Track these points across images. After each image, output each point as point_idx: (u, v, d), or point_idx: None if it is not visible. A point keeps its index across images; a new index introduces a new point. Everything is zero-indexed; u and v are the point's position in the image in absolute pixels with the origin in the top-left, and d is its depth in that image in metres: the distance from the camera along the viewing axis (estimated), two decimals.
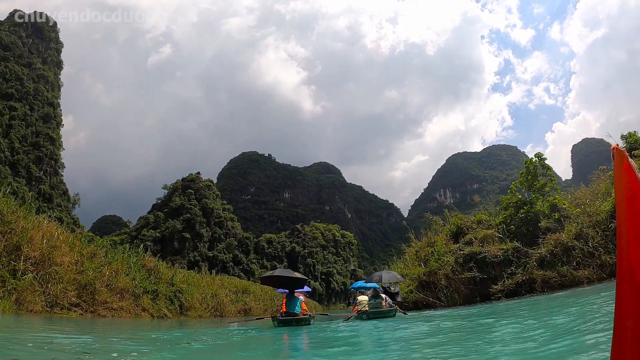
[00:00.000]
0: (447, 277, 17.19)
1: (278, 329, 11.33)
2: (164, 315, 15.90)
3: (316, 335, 9.43)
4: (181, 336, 8.67)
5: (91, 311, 12.40)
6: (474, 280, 16.45)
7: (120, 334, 8.34)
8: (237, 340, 8.44)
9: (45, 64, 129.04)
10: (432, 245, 20.61)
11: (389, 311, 13.46)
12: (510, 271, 15.65)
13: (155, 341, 7.20)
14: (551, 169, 18.50)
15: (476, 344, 5.42)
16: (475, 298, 16.22)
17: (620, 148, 1.36)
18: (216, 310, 21.57)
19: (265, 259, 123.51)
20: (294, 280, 13.33)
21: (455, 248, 18.04)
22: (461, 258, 17.23)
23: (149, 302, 15.55)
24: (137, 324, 12.58)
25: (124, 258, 16.70)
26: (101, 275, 13.60)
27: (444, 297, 17.12)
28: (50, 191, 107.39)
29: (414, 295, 18.71)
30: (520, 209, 17.81)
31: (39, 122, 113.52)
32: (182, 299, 18.21)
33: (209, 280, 26.74)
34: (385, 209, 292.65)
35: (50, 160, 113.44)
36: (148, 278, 17.02)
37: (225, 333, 10.20)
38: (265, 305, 30.58)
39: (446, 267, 17.41)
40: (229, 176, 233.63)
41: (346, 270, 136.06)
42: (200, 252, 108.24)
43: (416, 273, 19.48)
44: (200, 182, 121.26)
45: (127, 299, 14.17)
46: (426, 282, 18.36)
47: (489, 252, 16.47)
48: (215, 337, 8.78)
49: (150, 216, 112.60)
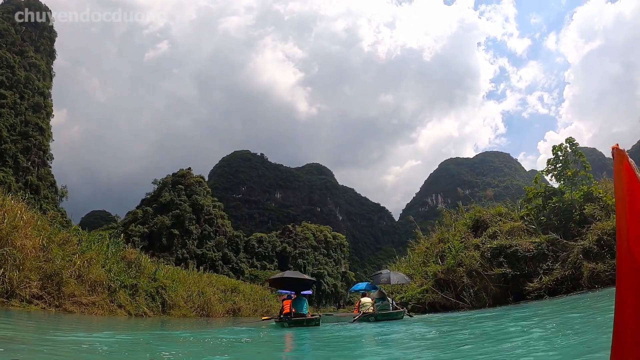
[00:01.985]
0: (472, 274, 15.43)
1: (299, 329, 11.35)
2: (143, 313, 14.17)
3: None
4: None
5: (56, 305, 10.67)
6: (504, 278, 14.67)
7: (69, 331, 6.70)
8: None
9: (38, 52, 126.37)
10: (445, 241, 19.09)
11: (397, 313, 13.17)
12: (546, 266, 13.96)
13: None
14: (584, 156, 16.81)
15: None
16: (508, 298, 14.45)
17: (620, 148, 1.38)
18: (202, 310, 19.81)
19: (255, 259, 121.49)
20: (303, 281, 13.48)
21: (478, 242, 16.43)
22: (488, 252, 15.45)
23: (126, 297, 13.82)
24: (108, 322, 10.82)
25: (101, 248, 14.98)
26: (71, 264, 11.85)
27: (468, 297, 15.34)
28: (38, 182, 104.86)
29: (430, 295, 16.90)
30: (549, 200, 16.24)
31: (29, 111, 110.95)
32: (165, 296, 16.47)
33: (196, 278, 25.10)
34: (376, 212, 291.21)
35: (38, 150, 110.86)
36: (127, 271, 15.29)
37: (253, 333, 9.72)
38: (255, 305, 28.96)
39: (471, 262, 15.59)
40: (221, 174, 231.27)
41: (337, 272, 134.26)
42: (189, 249, 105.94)
43: (432, 270, 17.57)
44: (190, 178, 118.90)
45: (101, 294, 12.43)
46: (444, 281, 16.53)
47: (520, 246, 14.77)
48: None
49: (138, 211, 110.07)
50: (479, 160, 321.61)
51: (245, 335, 8.99)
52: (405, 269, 22.37)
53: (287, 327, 11.94)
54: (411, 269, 21.78)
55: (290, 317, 12.23)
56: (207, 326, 14.26)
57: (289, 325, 11.94)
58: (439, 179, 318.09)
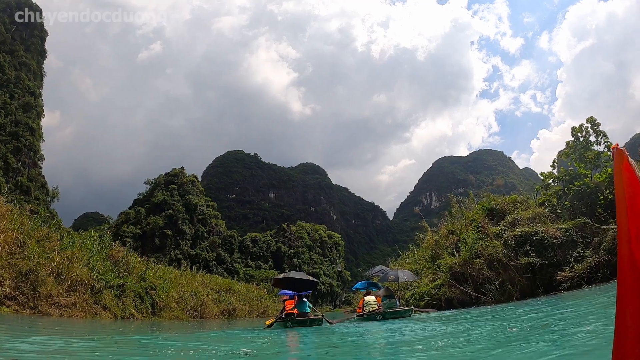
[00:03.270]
0: (493, 266, 14.33)
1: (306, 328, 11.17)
2: (130, 315, 13.07)
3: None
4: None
5: (30, 307, 9.58)
6: (532, 268, 13.56)
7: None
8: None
9: (29, 52, 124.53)
10: (457, 232, 18.14)
11: (406, 311, 13.00)
12: (576, 254, 12.94)
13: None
14: (607, 136, 15.80)
15: None
16: (537, 289, 13.35)
17: (620, 147, 1.39)
18: (196, 311, 18.72)
19: (250, 259, 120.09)
20: (307, 282, 13.57)
21: (497, 231, 15.42)
22: (512, 241, 14.32)
23: (112, 298, 12.72)
24: (86, 325, 9.73)
25: (85, 245, 13.88)
26: (49, 262, 10.75)
27: (490, 290, 14.24)
28: (28, 183, 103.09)
29: (446, 290, 15.79)
30: (570, 184, 15.32)
31: (19, 111, 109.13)
32: (155, 297, 15.37)
33: (189, 278, 24.02)
34: (370, 212, 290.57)
35: (29, 151, 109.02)
36: (114, 270, 14.19)
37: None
38: (251, 306, 27.92)
39: (494, 252, 14.47)
40: (214, 174, 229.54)
41: (333, 272, 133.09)
42: (182, 250, 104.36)
43: (447, 263, 16.41)
44: (183, 178, 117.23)
45: (83, 294, 11.34)
46: (462, 274, 15.41)
47: (547, 233, 13.72)
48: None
49: (131, 211, 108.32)
50: (473, 158, 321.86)
51: (243, 342, 7.86)
52: (409, 265, 21.44)
53: (291, 326, 11.92)
54: (417, 264, 20.83)
55: (293, 317, 12.28)
56: (199, 329, 13.21)
57: (292, 325, 11.94)
58: (433, 178, 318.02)
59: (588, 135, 15.89)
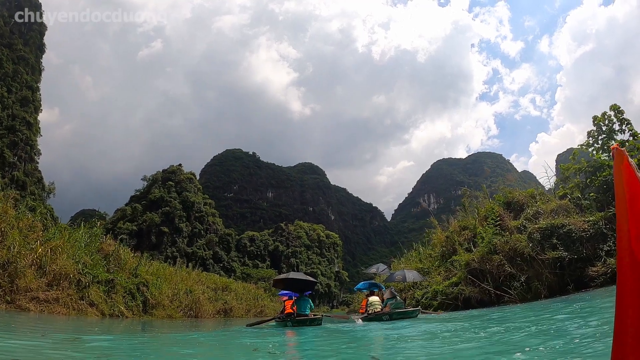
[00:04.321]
0: (515, 261, 13.40)
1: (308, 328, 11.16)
2: (119, 313, 12.17)
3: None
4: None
5: (7, 301, 8.70)
6: (559, 263, 12.63)
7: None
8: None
9: (27, 45, 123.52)
10: (472, 227, 17.31)
11: (413, 311, 12.93)
12: (607, 247, 12.07)
13: None
14: (631, 124, 14.93)
15: None
16: (567, 286, 12.41)
17: (620, 148, 1.41)
18: (190, 310, 17.83)
19: (247, 257, 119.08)
20: (306, 282, 13.57)
21: (518, 224, 14.57)
22: (537, 234, 13.38)
23: (100, 295, 11.82)
24: (66, 323, 8.85)
25: (74, 237, 12.99)
26: (31, 252, 9.86)
27: (514, 288, 13.28)
28: (24, 178, 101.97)
29: (464, 289, 14.74)
30: (593, 175, 14.56)
31: (16, 105, 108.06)
32: (148, 294, 14.47)
33: (184, 275, 23.17)
34: (368, 212, 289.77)
35: (25, 146, 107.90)
36: (103, 264, 13.30)
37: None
38: (248, 305, 27.06)
39: (519, 246, 13.48)
40: (212, 173, 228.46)
41: (330, 272, 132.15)
42: (179, 248, 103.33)
43: (464, 259, 15.44)
44: (181, 175, 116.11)
45: (67, 289, 10.45)
46: (480, 271, 14.41)
47: (575, 225, 12.84)
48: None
49: (127, 208, 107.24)
50: (471, 161, 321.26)
51: (238, 345, 7.06)
52: (415, 264, 20.64)
53: (290, 326, 12.12)
54: (423, 263, 19.99)
55: (293, 317, 12.44)
56: (193, 329, 12.35)
57: (292, 325, 12.11)
58: (431, 179, 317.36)
59: (612, 123, 15.10)
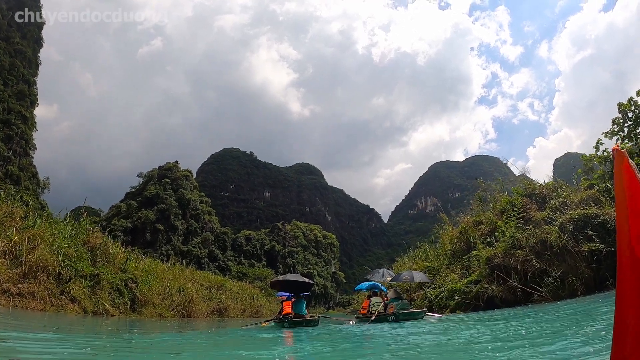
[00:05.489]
0: (544, 255, 12.41)
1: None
2: (104, 311, 11.14)
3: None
4: None
5: None
6: (596, 256, 11.67)
7: None
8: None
9: (25, 39, 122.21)
10: (488, 222, 16.40)
11: (419, 313, 12.82)
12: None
13: None
14: None
15: None
16: (606, 281, 11.41)
17: (620, 149, 1.40)
18: (183, 309, 16.80)
19: (243, 257, 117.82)
20: (302, 284, 13.92)
21: (544, 216, 13.60)
22: (570, 225, 12.38)
23: (83, 290, 10.81)
24: (42, 321, 7.84)
25: (58, 227, 11.97)
26: (6, 240, 8.85)
27: (546, 284, 12.22)
28: (19, 173, 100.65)
29: (487, 287, 13.68)
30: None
31: (12, 98, 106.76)
32: (136, 291, 13.46)
33: (177, 273, 22.14)
34: (365, 214, 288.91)
35: (20, 140, 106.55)
36: (88, 257, 12.28)
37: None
38: (243, 305, 26.03)
39: (550, 237, 12.48)
40: (209, 171, 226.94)
41: (327, 273, 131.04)
42: (174, 246, 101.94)
43: (485, 255, 14.37)
44: (177, 172, 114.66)
45: (45, 282, 9.44)
46: (503, 267, 13.34)
47: (609, 216, 11.94)
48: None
49: (122, 205, 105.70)
50: (469, 164, 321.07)
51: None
52: (422, 263, 19.72)
53: (287, 327, 12.26)
54: (431, 262, 19.04)
55: (290, 317, 12.60)
56: (183, 330, 11.35)
57: (289, 326, 12.27)
58: (428, 182, 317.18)
59: (638, 109, 14.27)
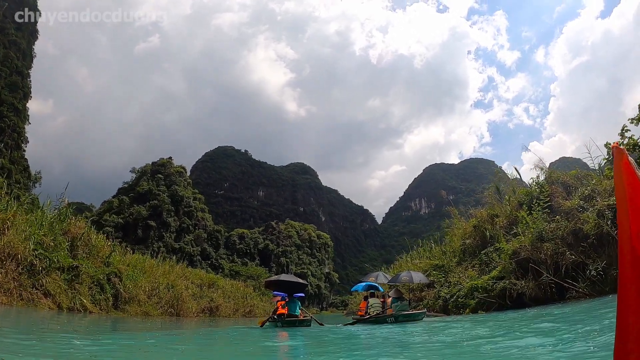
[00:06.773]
0: (579, 247, 11.48)
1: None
2: (81, 307, 10.07)
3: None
4: None
5: None
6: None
7: None
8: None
9: (20, 31, 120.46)
10: (506, 215, 15.53)
11: (419, 314, 12.64)
12: None
13: None
14: None
15: None
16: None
17: (619, 146, 1.42)
18: (171, 307, 15.70)
19: (236, 255, 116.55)
20: (296, 284, 14.21)
21: (575, 204, 12.67)
22: (609, 212, 11.37)
23: (59, 284, 9.73)
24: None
25: (35, 215, 10.90)
26: None
27: (584, 279, 11.20)
28: (10, 166, 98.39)
29: (515, 283, 12.62)
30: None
31: (5, 90, 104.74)
32: (120, 287, 12.37)
33: (167, 269, 21.00)
34: (359, 215, 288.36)
35: (12, 132, 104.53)
36: (67, 248, 11.19)
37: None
38: (236, 304, 24.95)
39: (588, 224, 11.55)
40: (203, 169, 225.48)
41: (321, 273, 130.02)
42: (166, 243, 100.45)
43: (510, 249, 13.29)
44: (171, 168, 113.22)
45: (14, 273, 8.37)
46: (532, 261, 12.25)
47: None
48: None
49: (114, 200, 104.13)
50: (464, 166, 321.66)
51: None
52: (426, 262, 18.86)
53: (281, 326, 12.45)
54: (439, 259, 18.13)
55: (283, 317, 12.76)
56: (171, 329, 10.30)
57: (282, 325, 12.49)
58: (423, 184, 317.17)
59: None
